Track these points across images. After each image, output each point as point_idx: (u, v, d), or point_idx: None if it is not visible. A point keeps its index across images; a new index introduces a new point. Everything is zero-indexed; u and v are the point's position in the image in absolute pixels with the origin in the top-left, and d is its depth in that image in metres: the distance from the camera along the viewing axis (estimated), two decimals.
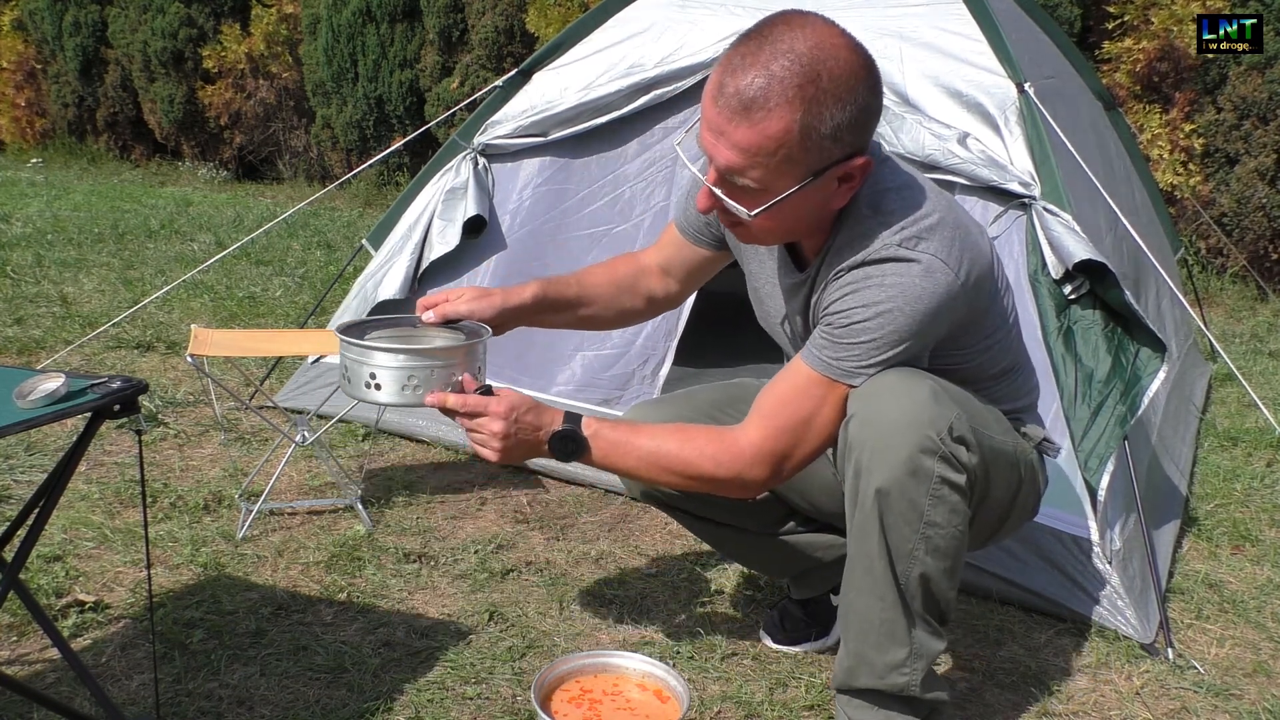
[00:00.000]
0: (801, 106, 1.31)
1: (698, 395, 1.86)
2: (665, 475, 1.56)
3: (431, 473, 2.78)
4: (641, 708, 1.67)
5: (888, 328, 1.42)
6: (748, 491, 1.56)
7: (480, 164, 3.01)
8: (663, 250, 1.85)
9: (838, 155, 1.37)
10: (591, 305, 1.83)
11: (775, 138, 1.32)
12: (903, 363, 1.45)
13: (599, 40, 2.93)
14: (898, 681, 1.50)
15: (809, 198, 1.41)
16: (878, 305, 1.41)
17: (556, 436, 1.53)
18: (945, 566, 1.47)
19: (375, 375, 1.54)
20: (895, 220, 1.43)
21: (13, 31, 10.80)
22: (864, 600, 1.49)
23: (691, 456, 1.52)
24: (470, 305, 1.68)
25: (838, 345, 1.45)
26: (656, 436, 1.55)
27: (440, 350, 1.57)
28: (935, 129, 2.37)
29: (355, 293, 3.13)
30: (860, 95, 1.34)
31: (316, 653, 1.87)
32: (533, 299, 1.74)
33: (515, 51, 7.40)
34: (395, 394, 1.54)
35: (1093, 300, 2.18)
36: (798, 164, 1.35)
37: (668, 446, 1.53)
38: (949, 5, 2.58)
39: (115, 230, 6.34)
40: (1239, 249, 5.40)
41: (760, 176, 1.37)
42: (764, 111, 1.31)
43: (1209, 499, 2.74)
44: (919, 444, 1.40)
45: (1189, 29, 5.22)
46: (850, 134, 1.35)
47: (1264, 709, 1.81)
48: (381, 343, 1.57)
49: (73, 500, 2.48)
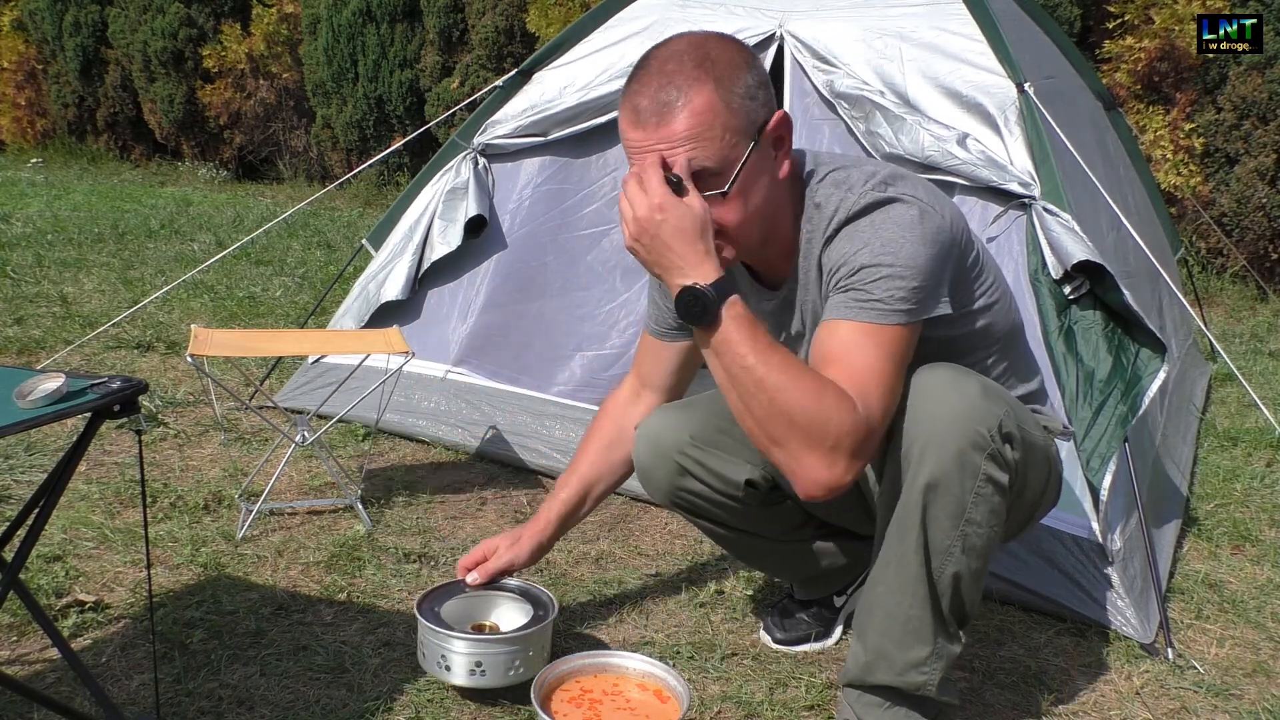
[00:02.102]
0: (710, 79, 1.39)
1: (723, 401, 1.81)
2: (763, 401, 1.37)
3: (431, 473, 2.78)
4: (641, 708, 1.67)
5: (899, 261, 1.40)
6: (834, 476, 1.37)
7: (480, 164, 3.01)
8: (641, 368, 1.87)
9: (763, 114, 1.43)
10: (600, 481, 1.87)
11: (705, 111, 1.38)
12: (927, 309, 1.42)
13: (599, 40, 2.93)
14: (916, 680, 1.50)
15: (760, 168, 1.44)
16: (879, 244, 1.41)
17: (688, 292, 1.38)
18: (977, 567, 1.48)
19: (446, 657, 1.69)
20: (857, 179, 1.48)
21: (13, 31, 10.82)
22: (893, 595, 1.49)
23: (810, 394, 1.36)
24: (509, 555, 1.82)
25: (858, 292, 1.42)
26: (782, 366, 1.39)
27: (515, 637, 1.72)
28: (935, 129, 2.37)
29: (357, 294, 3.13)
30: (749, 61, 1.44)
31: (316, 653, 1.87)
32: (555, 523, 1.85)
33: (515, 51, 7.40)
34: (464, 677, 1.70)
35: (1093, 300, 2.18)
36: (736, 131, 1.40)
37: (790, 375, 1.37)
38: (949, 5, 2.58)
39: (115, 230, 6.34)
40: (1239, 249, 5.40)
41: (713, 154, 1.40)
42: (683, 98, 1.38)
43: (1209, 499, 2.74)
44: (971, 439, 1.40)
45: (1189, 29, 5.23)
46: (762, 92, 1.43)
47: (1264, 709, 1.81)
48: (456, 618, 1.77)
49: (73, 500, 2.48)
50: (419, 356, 2.74)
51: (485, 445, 2.86)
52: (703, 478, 1.73)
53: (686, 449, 1.71)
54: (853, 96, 2.48)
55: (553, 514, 1.85)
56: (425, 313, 3.06)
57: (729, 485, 1.73)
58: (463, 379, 2.96)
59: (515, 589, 1.85)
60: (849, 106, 2.49)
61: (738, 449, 1.72)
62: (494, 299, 2.97)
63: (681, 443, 1.71)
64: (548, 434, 2.78)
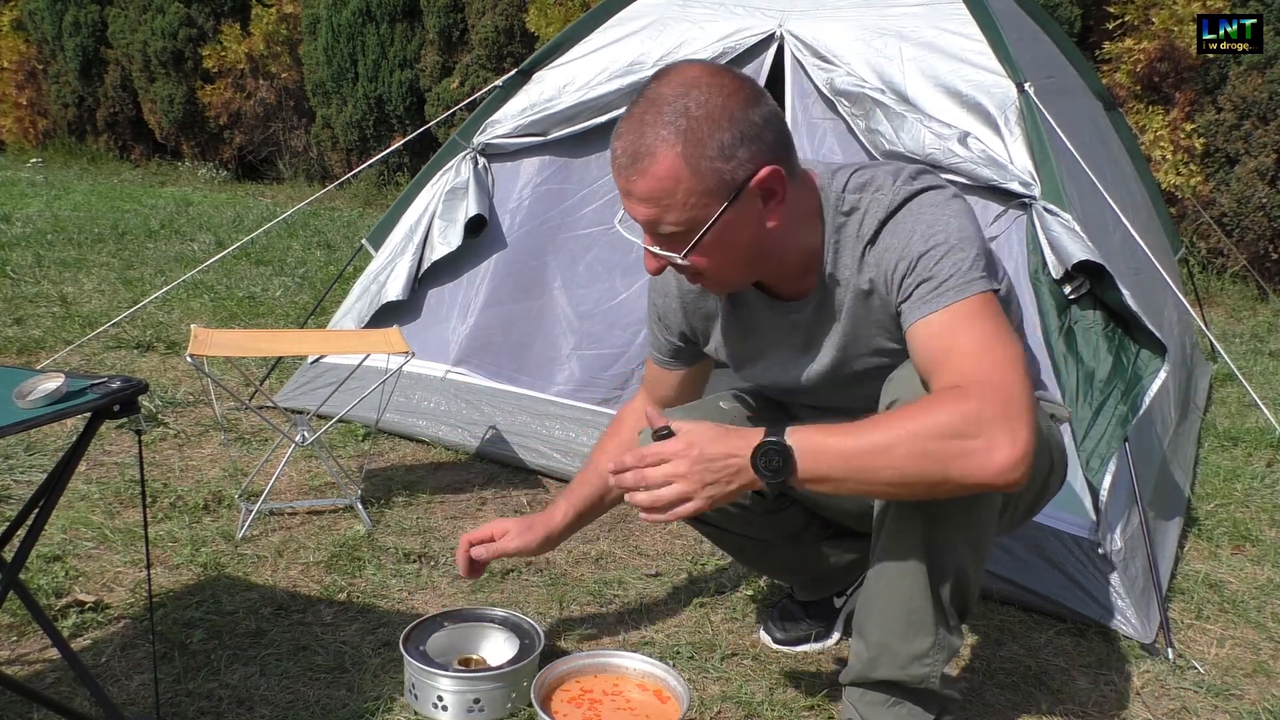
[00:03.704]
0: (679, 142, 1.36)
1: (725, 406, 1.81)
2: (910, 460, 1.31)
3: (431, 473, 2.78)
4: (641, 708, 1.67)
5: (951, 237, 1.42)
6: (1016, 446, 1.30)
7: (480, 164, 3.01)
8: (651, 388, 1.88)
9: (741, 174, 1.39)
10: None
11: (667, 177, 1.37)
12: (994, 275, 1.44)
13: (599, 39, 2.93)
14: (919, 673, 1.50)
15: (740, 222, 1.42)
16: (925, 228, 1.43)
17: (761, 449, 1.34)
18: (976, 559, 1.48)
19: (442, 698, 1.68)
20: (884, 178, 1.49)
21: (13, 31, 10.82)
22: (894, 589, 1.49)
23: (943, 421, 1.30)
24: (520, 541, 1.81)
25: (926, 284, 1.42)
26: (878, 425, 1.35)
27: (502, 674, 1.71)
28: (935, 128, 2.37)
29: (358, 294, 3.13)
30: (737, 112, 1.38)
31: (316, 653, 1.87)
32: (570, 516, 1.83)
33: (515, 51, 7.40)
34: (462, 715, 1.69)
35: (1093, 300, 2.18)
36: (703, 194, 1.38)
37: (907, 423, 1.32)
38: (949, 5, 2.58)
39: (115, 230, 6.34)
40: (1239, 249, 5.40)
41: (677, 219, 1.40)
42: (649, 159, 1.37)
43: (1209, 499, 2.74)
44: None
45: (1189, 29, 5.23)
46: (744, 150, 1.38)
47: (1264, 709, 1.81)
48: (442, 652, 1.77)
49: (73, 500, 2.48)
50: (419, 356, 2.74)
51: (485, 445, 2.86)
52: None
53: None
54: (853, 94, 2.47)
55: (570, 508, 1.83)
56: (425, 313, 3.06)
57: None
58: (463, 379, 2.96)
59: (498, 619, 1.86)
60: (849, 104, 2.48)
61: None
62: (494, 299, 2.97)
63: None
64: (547, 434, 2.78)
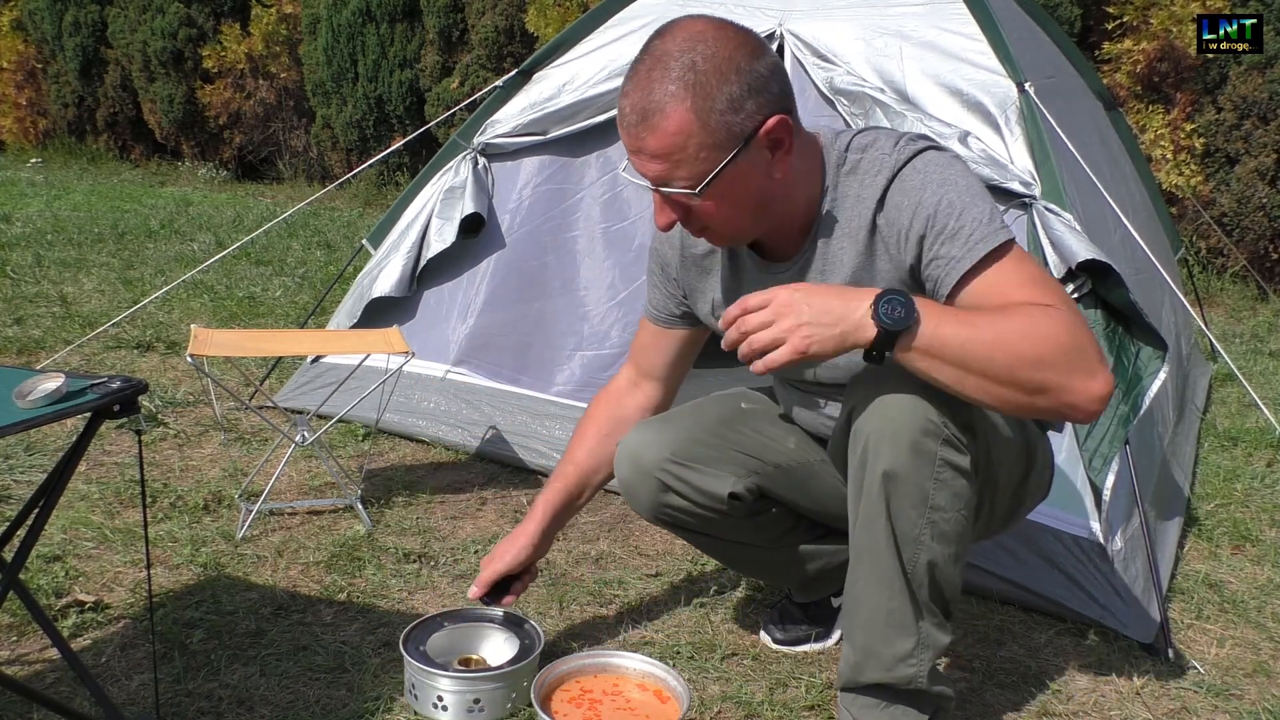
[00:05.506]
0: (688, 96, 1.38)
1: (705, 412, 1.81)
2: (1009, 358, 1.33)
3: (431, 473, 2.78)
4: (641, 708, 1.67)
5: (961, 192, 1.44)
6: (1109, 382, 1.36)
7: (480, 163, 3.01)
8: (638, 357, 1.88)
9: (750, 124, 1.41)
10: (599, 471, 1.86)
11: (678, 132, 1.39)
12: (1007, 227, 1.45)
13: (599, 39, 2.93)
14: (905, 673, 1.50)
15: (748, 171, 1.44)
16: (935, 184, 1.45)
17: (885, 296, 1.33)
18: (951, 553, 1.47)
19: (442, 698, 1.68)
20: (885, 141, 1.52)
21: (13, 31, 10.82)
22: (871, 591, 1.49)
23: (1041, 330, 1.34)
24: (512, 559, 1.80)
25: (950, 242, 1.43)
26: (1000, 317, 1.36)
27: (502, 674, 1.70)
28: (935, 127, 2.37)
29: (352, 291, 3.13)
30: (743, 64, 1.40)
31: (316, 653, 1.87)
32: (549, 517, 1.82)
33: (515, 51, 7.40)
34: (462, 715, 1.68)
35: (1093, 300, 2.18)
36: (713, 146, 1.40)
37: (1012, 323, 1.34)
38: (949, 5, 2.58)
39: (115, 230, 6.34)
40: (1239, 249, 5.40)
41: (687, 174, 1.42)
42: (659, 115, 1.39)
43: (1209, 499, 2.74)
44: (921, 426, 1.40)
45: (1189, 29, 5.23)
46: (751, 101, 1.41)
47: (1264, 709, 1.81)
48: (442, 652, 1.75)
49: (73, 500, 2.48)
50: (419, 356, 2.74)
51: (485, 445, 2.85)
52: (685, 493, 1.71)
53: (667, 465, 1.69)
54: (852, 93, 2.47)
55: (545, 508, 1.82)
56: (425, 313, 3.06)
57: (712, 499, 1.71)
58: (462, 379, 2.96)
59: (498, 619, 1.85)
60: (849, 103, 2.48)
61: (719, 462, 1.71)
62: (494, 299, 2.97)
63: (662, 459, 1.69)
64: (548, 434, 2.78)
